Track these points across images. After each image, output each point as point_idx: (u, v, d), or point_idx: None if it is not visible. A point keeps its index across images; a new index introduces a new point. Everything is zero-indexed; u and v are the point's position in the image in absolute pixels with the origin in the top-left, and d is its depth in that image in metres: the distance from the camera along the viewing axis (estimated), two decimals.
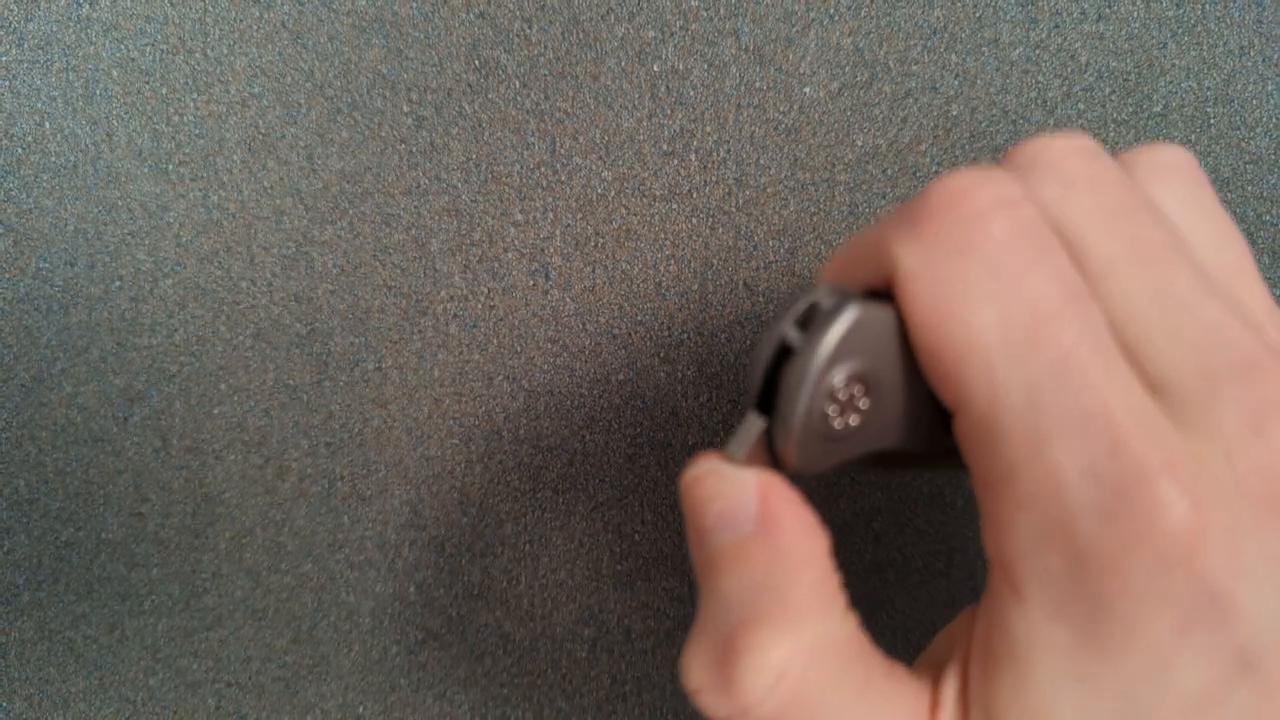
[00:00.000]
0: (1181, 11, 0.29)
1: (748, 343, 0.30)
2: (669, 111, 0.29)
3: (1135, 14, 0.29)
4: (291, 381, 0.29)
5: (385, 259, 0.29)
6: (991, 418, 0.16)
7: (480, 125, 0.29)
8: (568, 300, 0.29)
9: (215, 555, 0.30)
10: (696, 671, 0.17)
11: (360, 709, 0.30)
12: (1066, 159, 0.17)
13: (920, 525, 0.30)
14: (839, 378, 0.17)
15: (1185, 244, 0.17)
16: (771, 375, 0.17)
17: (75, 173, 0.29)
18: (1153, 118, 0.29)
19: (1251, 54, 0.29)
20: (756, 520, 0.17)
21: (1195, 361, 0.16)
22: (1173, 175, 0.18)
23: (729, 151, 0.29)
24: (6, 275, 0.29)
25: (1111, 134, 0.29)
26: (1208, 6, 0.29)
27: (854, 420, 0.17)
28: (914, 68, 0.29)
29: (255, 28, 0.29)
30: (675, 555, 0.30)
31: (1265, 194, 0.29)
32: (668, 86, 0.29)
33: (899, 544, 0.30)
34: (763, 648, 0.16)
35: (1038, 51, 0.29)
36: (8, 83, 0.29)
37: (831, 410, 0.17)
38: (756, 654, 0.16)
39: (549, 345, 0.29)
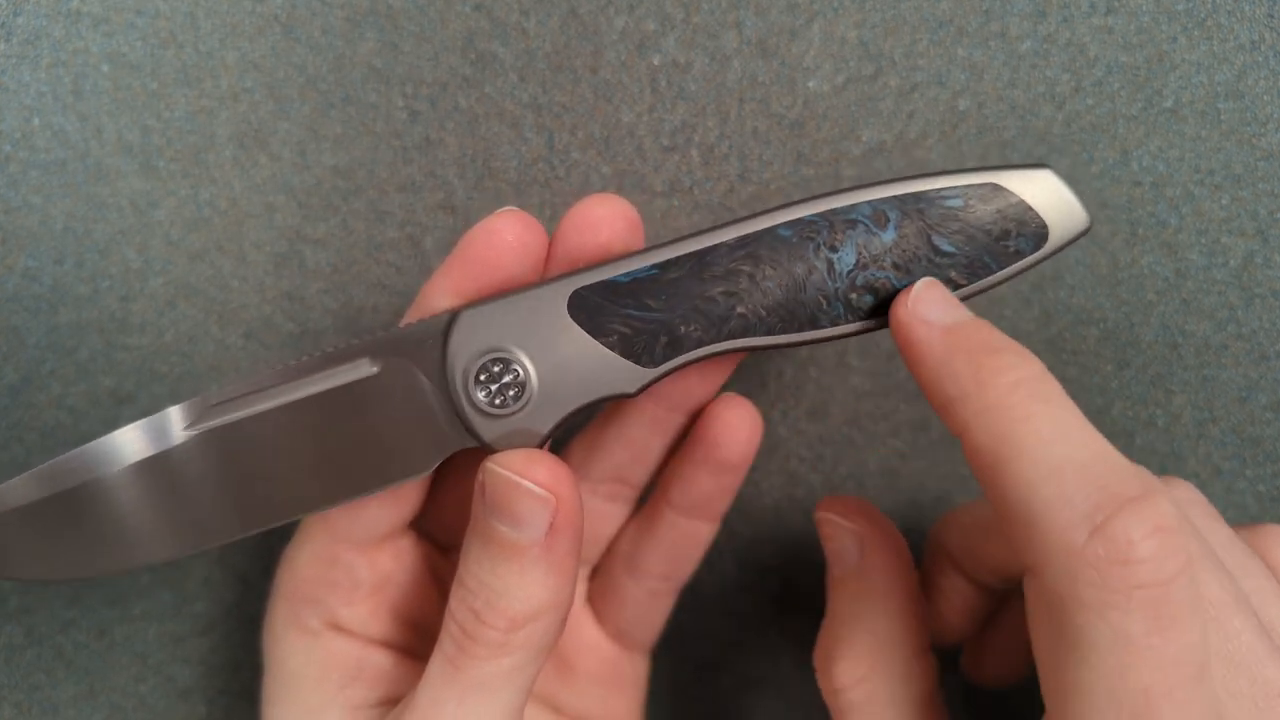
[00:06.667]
0: (1192, 5, 0.29)
1: None
2: (670, 105, 0.29)
3: (1145, 7, 0.28)
4: None
5: (378, 256, 0.29)
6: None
7: (476, 119, 0.29)
8: None
9: (206, 560, 0.30)
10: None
11: None
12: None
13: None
14: None
15: None
16: None
17: (63, 169, 0.29)
18: (1163, 113, 0.29)
19: (1263, 48, 0.29)
20: None
21: None
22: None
23: (731, 146, 0.29)
24: None
25: (1121, 129, 0.29)
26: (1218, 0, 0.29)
27: None
28: (921, 61, 0.29)
29: (246, 21, 0.29)
30: None
31: (1277, 191, 0.29)
32: (669, 80, 0.29)
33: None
34: None
35: (1046, 45, 0.28)
36: None
37: None
38: None
39: None
